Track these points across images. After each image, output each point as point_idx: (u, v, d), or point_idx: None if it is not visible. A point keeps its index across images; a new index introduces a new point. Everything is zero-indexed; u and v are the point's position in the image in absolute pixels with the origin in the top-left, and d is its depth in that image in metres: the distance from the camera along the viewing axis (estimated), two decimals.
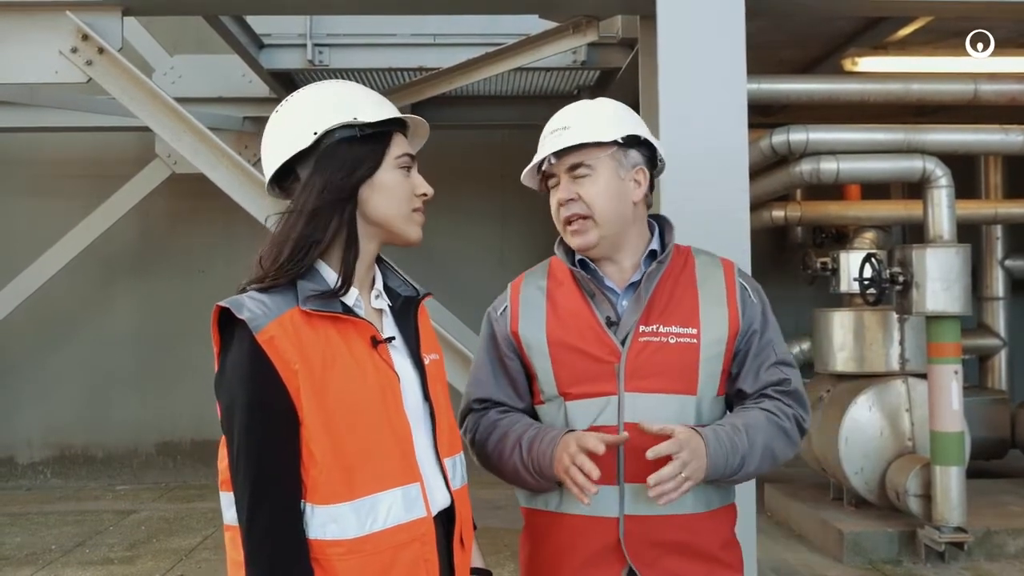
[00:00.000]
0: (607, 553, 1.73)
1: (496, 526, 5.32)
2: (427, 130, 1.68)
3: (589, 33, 4.60)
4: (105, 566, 5.19)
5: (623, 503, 1.73)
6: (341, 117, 1.51)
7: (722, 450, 1.68)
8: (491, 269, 7.31)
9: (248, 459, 1.41)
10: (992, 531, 4.94)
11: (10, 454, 7.52)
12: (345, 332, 1.48)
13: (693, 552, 1.75)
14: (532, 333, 1.82)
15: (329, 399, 1.43)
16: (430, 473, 1.54)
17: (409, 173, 1.59)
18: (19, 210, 7.49)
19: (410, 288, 1.67)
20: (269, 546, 1.40)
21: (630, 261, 1.83)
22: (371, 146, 1.54)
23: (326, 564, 1.42)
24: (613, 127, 1.79)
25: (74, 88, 5.37)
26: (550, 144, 1.80)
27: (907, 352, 5.36)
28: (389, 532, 1.45)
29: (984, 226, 6.86)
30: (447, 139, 7.44)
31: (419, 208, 1.60)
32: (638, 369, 1.74)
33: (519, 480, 1.80)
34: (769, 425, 1.76)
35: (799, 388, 1.84)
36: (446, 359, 1.79)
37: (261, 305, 1.43)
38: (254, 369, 1.41)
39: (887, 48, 5.39)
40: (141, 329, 7.44)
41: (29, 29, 3.76)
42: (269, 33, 5.90)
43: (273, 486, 1.41)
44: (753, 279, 1.91)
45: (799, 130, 4.97)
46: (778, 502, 5.94)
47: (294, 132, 1.53)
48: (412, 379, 1.56)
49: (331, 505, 1.42)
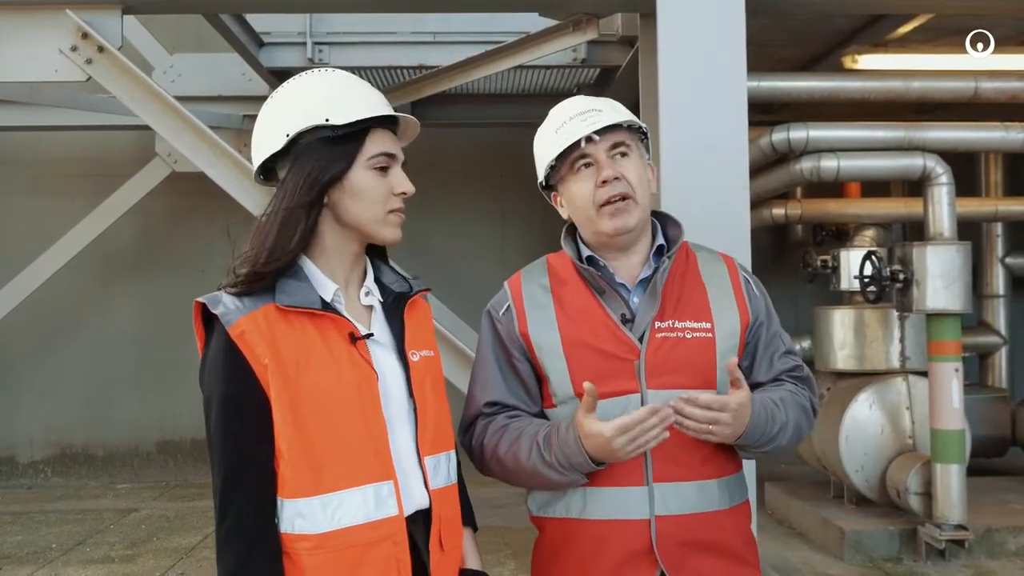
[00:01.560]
0: (638, 557, 1.67)
1: (496, 525, 5.32)
2: (417, 129, 1.65)
3: (589, 31, 4.60)
4: (106, 564, 5.19)
5: (653, 504, 1.68)
6: (312, 119, 1.49)
7: (762, 418, 1.69)
8: (490, 267, 7.29)
9: (222, 452, 1.43)
10: (993, 529, 4.93)
11: (11, 453, 7.52)
12: (323, 328, 1.48)
13: (719, 551, 1.72)
14: (543, 334, 1.76)
15: (301, 394, 1.43)
16: (409, 472, 1.53)
17: (387, 172, 1.56)
18: (19, 209, 7.49)
19: (405, 284, 1.65)
20: (239, 537, 1.42)
21: (640, 256, 1.80)
22: (344, 147, 1.51)
23: (295, 558, 1.43)
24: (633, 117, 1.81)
25: (74, 87, 5.36)
26: (584, 126, 1.73)
27: (908, 350, 5.36)
28: (357, 529, 1.45)
29: (984, 224, 6.85)
30: (447, 137, 7.45)
31: (396, 209, 1.57)
32: (658, 366, 1.71)
33: (540, 480, 1.71)
34: (795, 403, 1.78)
35: (810, 375, 1.87)
36: (446, 357, 1.78)
37: (236, 300, 1.46)
38: (227, 363, 1.43)
39: (887, 46, 5.39)
40: (142, 328, 7.43)
41: (29, 27, 3.76)
42: (269, 31, 5.90)
43: (245, 479, 1.42)
44: (752, 273, 1.91)
45: (799, 128, 4.96)
46: (779, 500, 5.94)
47: (270, 132, 1.53)
48: (396, 376, 1.55)
49: (299, 499, 1.43)
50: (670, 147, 3.23)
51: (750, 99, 3.34)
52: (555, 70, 6.11)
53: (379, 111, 1.54)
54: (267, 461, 1.43)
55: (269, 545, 1.42)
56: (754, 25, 3.35)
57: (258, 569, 1.41)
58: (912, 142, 4.99)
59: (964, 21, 4.80)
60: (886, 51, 5.40)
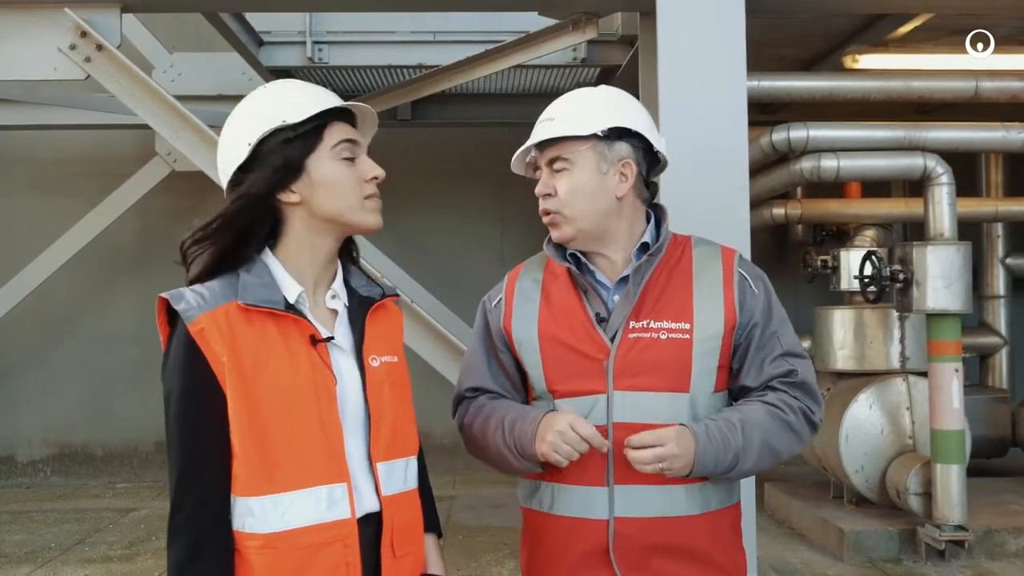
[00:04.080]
0: (596, 556, 1.70)
1: (495, 525, 5.32)
2: (375, 119, 1.65)
3: (589, 30, 4.59)
4: (104, 564, 5.19)
5: (613, 505, 1.69)
6: (270, 123, 1.51)
7: (712, 447, 1.63)
8: (490, 267, 7.28)
9: (178, 446, 1.45)
10: (993, 530, 4.93)
11: (10, 452, 7.52)
12: (285, 328, 1.49)
13: (685, 554, 1.70)
14: (523, 329, 1.79)
15: (258, 393, 1.44)
16: (359, 477, 1.52)
17: (355, 161, 1.56)
18: (19, 208, 7.49)
19: (374, 288, 1.64)
20: (190, 530, 1.43)
21: (620, 255, 1.78)
22: (303, 141, 1.53)
23: (246, 556, 1.44)
24: (598, 119, 1.74)
25: (73, 85, 5.36)
26: (534, 135, 1.78)
27: (908, 350, 5.35)
28: (308, 530, 1.45)
29: (985, 224, 6.84)
30: (446, 137, 7.46)
31: (372, 194, 1.58)
32: (628, 367, 1.69)
33: (503, 462, 1.76)
34: (770, 420, 1.69)
35: (807, 379, 1.75)
36: (445, 358, 1.78)
37: (199, 297, 1.47)
38: (186, 359, 1.44)
39: (888, 45, 5.38)
40: (141, 327, 7.42)
41: (28, 26, 3.76)
42: (269, 30, 5.90)
43: (198, 474, 1.44)
44: (756, 267, 1.84)
45: (799, 127, 4.95)
46: (778, 500, 5.93)
47: (233, 146, 1.54)
48: (354, 380, 1.55)
49: (250, 497, 1.44)
50: (670, 147, 3.20)
51: (750, 99, 3.33)
52: (555, 69, 6.11)
53: (331, 104, 1.56)
54: (222, 457, 1.44)
55: (220, 541, 1.44)
56: (754, 24, 3.34)
57: (207, 564, 1.42)
58: (913, 142, 4.98)
59: (965, 21, 4.80)
60: (887, 51, 5.39)
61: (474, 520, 5.87)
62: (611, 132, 1.74)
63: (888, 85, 5.04)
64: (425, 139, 7.32)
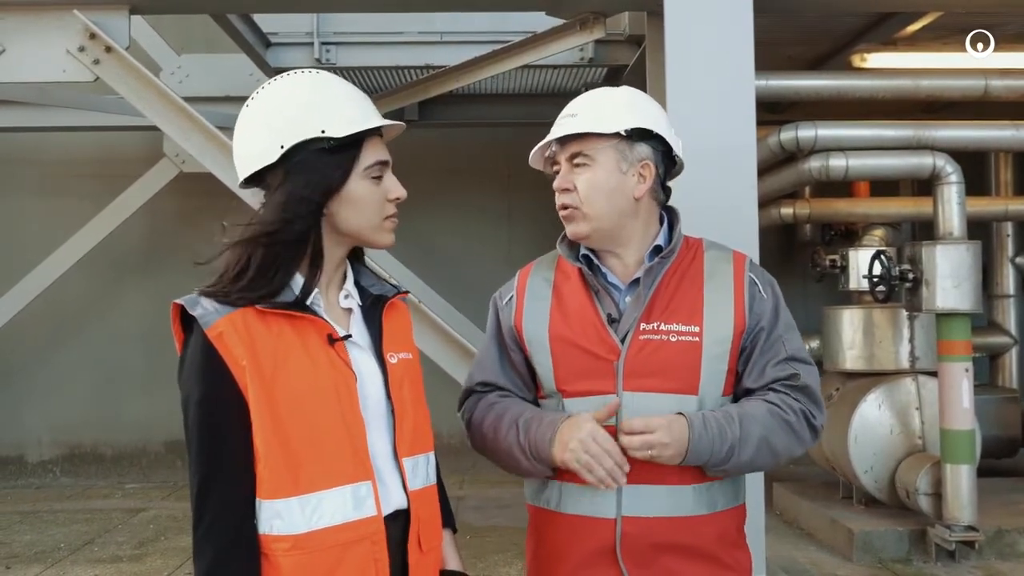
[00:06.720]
0: (603, 555, 1.71)
1: (503, 524, 5.32)
2: (401, 129, 1.64)
3: (596, 30, 4.59)
4: (114, 564, 5.20)
5: (620, 504, 1.70)
6: (309, 131, 1.47)
7: (708, 436, 1.64)
8: (497, 267, 7.28)
9: (199, 452, 1.44)
10: (1003, 530, 4.90)
11: (20, 452, 7.55)
12: (301, 329, 1.48)
13: (692, 553, 1.71)
14: (534, 328, 1.79)
15: (278, 395, 1.43)
16: (386, 473, 1.53)
17: (381, 180, 1.56)
18: (28, 209, 7.52)
19: (384, 286, 1.65)
20: (215, 538, 1.42)
21: (633, 256, 1.79)
22: (340, 157, 1.50)
23: (273, 559, 1.43)
24: (622, 119, 1.75)
25: (82, 87, 5.39)
26: (556, 129, 1.78)
27: (917, 350, 5.33)
28: (335, 530, 1.45)
29: (994, 223, 6.81)
30: (454, 137, 7.46)
31: (391, 215, 1.58)
32: (637, 368, 1.70)
33: (513, 462, 1.76)
34: (770, 417, 1.69)
35: (810, 384, 1.75)
36: (451, 357, 1.78)
37: (214, 302, 1.46)
38: (205, 364, 1.43)
39: (896, 44, 5.37)
40: (150, 328, 7.44)
41: (37, 28, 3.78)
42: (276, 32, 5.92)
43: (221, 480, 1.43)
44: (767, 273, 1.85)
45: (807, 127, 4.94)
46: (787, 501, 5.92)
47: (262, 142, 1.50)
48: (374, 378, 1.55)
49: (276, 500, 1.43)
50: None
51: (758, 98, 3.33)
52: (562, 69, 6.10)
53: (374, 121, 1.53)
54: (245, 462, 1.43)
55: (246, 546, 1.42)
56: (762, 24, 3.33)
57: (234, 570, 1.41)
58: (921, 141, 4.96)
59: (973, 19, 4.78)
60: (895, 49, 5.37)
61: (482, 520, 5.87)
62: (633, 132, 1.75)
63: (897, 84, 5.03)
64: (432, 139, 7.32)
